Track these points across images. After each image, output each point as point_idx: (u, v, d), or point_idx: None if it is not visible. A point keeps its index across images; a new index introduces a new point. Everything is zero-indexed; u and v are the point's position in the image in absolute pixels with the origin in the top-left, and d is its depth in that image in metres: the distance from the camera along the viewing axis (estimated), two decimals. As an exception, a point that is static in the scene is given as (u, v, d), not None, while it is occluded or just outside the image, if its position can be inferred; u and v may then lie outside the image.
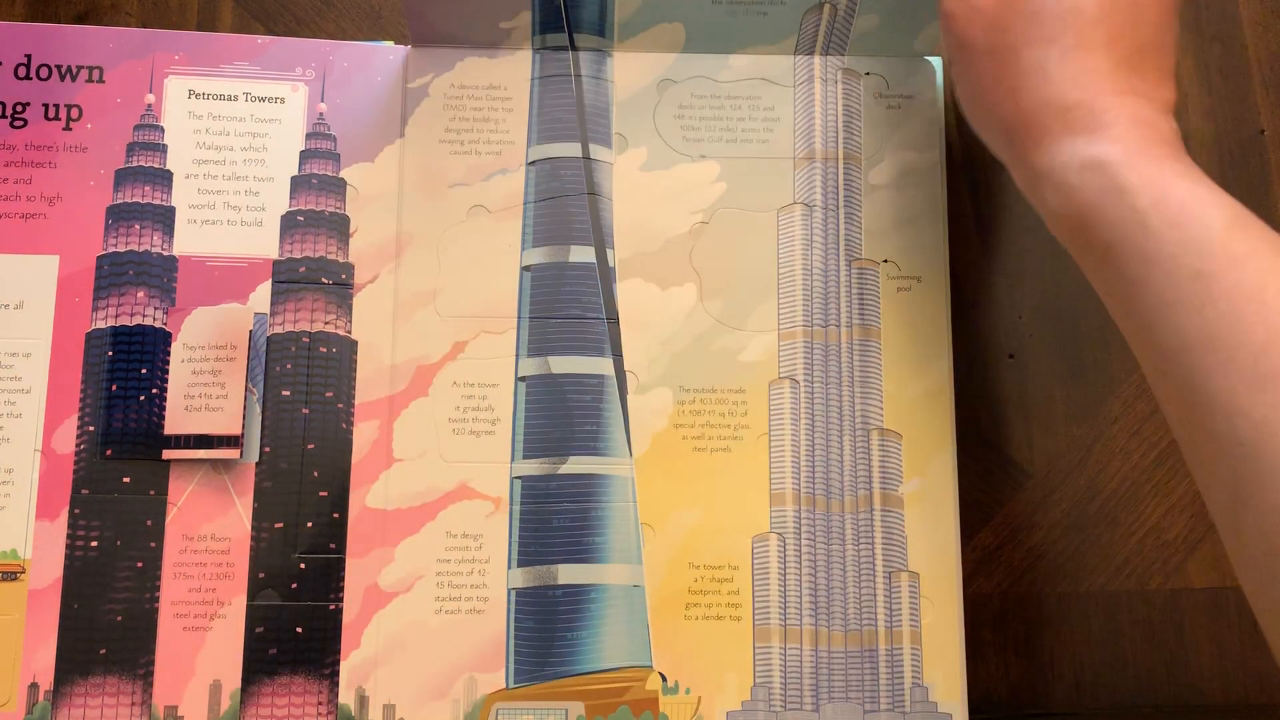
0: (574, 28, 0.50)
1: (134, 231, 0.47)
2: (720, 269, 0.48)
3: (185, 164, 0.48)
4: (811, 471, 0.47)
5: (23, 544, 0.45)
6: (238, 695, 0.44)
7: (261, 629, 0.45)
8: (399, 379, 0.47)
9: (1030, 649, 0.48)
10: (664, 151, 0.50)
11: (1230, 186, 0.51)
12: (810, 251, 0.49)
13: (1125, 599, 0.48)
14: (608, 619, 0.45)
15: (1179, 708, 0.47)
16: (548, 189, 0.49)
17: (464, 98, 0.49)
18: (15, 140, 0.48)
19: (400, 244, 0.48)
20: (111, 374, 0.46)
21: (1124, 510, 0.49)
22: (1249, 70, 0.53)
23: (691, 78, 0.50)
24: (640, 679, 0.45)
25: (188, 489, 0.46)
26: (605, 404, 0.47)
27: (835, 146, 0.50)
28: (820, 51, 0.51)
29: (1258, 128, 0.52)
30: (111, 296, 0.47)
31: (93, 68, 0.48)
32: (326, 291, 0.47)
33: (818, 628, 0.46)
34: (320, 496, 0.46)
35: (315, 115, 0.49)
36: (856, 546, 0.46)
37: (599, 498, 0.46)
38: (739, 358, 0.48)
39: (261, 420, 0.46)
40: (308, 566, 0.45)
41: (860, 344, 0.48)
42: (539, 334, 0.48)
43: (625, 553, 0.46)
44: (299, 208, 0.48)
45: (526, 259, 0.48)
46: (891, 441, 0.47)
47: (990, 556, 0.48)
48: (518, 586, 0.46)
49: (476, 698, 0.45)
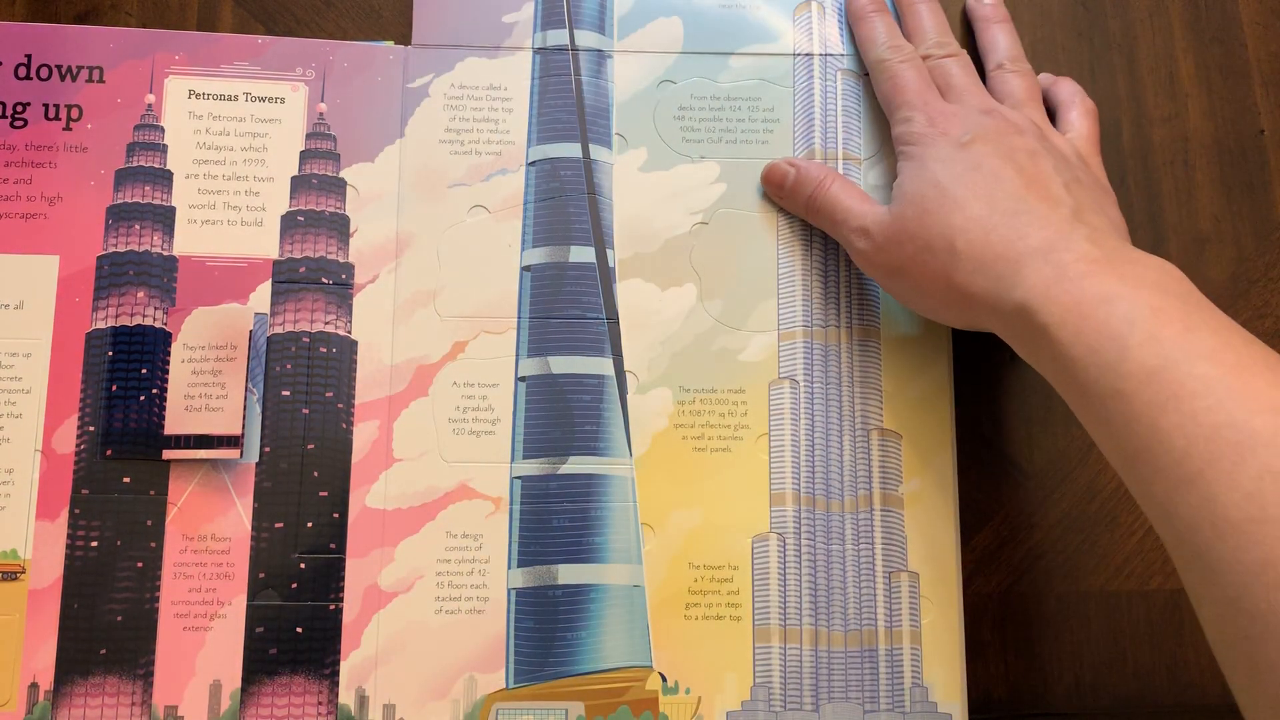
0: (575, 24, 0.50)
1: (134, 231, 0.47)
2: (720, 269, 0.48)
3: (185, 164, 0.48)
4: (811, 471, 0.47)
5: (23, 544, 0.45)
6: (238, 695, 0.44)
7: (262, 629, 0.45)
8: (399, 379, 0.47)
9: (1030, 649, 0.48)
10: (664, 152, 0.50)
11: (1230, 186, 0.51)
12: (810, 252, 0.49)
13: (1125, 599, 0.48)
14: (608, 619, 0.45)
15: (1179, 708, 0.47)
16: (548, 189, 0.49)
17: (464, 98, 0.49)
18: (15, 140, 0.48)
19: (400, 244, 0.48)
20: (111, 374, 0.46)
21: (1124, 510, 0.49)
22: (1249, 70, 0.53)
23: (691, 78, 0.50)
24: (640, 679, 0.45)
25: (188, 489, 0.46)
26: (605, 404, 0.47)
27: (835, 147, 0.50)
28: (818, 50, 0.51)
29: (1258, 128, 0.52)
30: (111, 296, 0.47)
31: (93, 68, 0.48)
32: (326, 291, 0.47)
33: (817, 628, 0.46)
34: (320, 496, 0.46)
35: (315, 115, 0.49)
36: (856, 546, 0.46)
37: (599, 498, 0.46)
38: (739, 358, 0.48)
39: (261, 420, 0.46)
40: (308, 566, 0.45)
41: (860, 344, 0.48)
42: (539, 334, 0.48)
43: (625, 553, 0.46)
44: (299, 208, 0.48)
45: (526, 259, 0.48)
46: (891, 442, 0.47)
47: (990, 556, 0.48)
48: (518, 586, 0.46)
49: (476, 698, 0.45)
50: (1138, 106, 0.52)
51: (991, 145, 0.43)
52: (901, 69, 0.47)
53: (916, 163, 0.44)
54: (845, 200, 0.46)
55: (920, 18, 0.49)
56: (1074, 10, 0.53)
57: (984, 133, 0.43)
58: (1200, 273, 0.50)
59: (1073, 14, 0.53)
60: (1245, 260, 0.51)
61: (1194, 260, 0.51)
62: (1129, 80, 0.52)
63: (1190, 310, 0.36)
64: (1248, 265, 0.51)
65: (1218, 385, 0.33)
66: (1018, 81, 0.48)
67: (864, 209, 0.45)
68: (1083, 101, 0.49)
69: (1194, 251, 0.51)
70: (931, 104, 0.45)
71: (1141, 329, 0.35)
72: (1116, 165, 0.51)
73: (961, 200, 0.41)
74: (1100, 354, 0.36)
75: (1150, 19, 0.53)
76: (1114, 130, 0.52)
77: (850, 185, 0.47)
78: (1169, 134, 0.52)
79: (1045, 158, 0.43)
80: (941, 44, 0.48)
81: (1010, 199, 0.41)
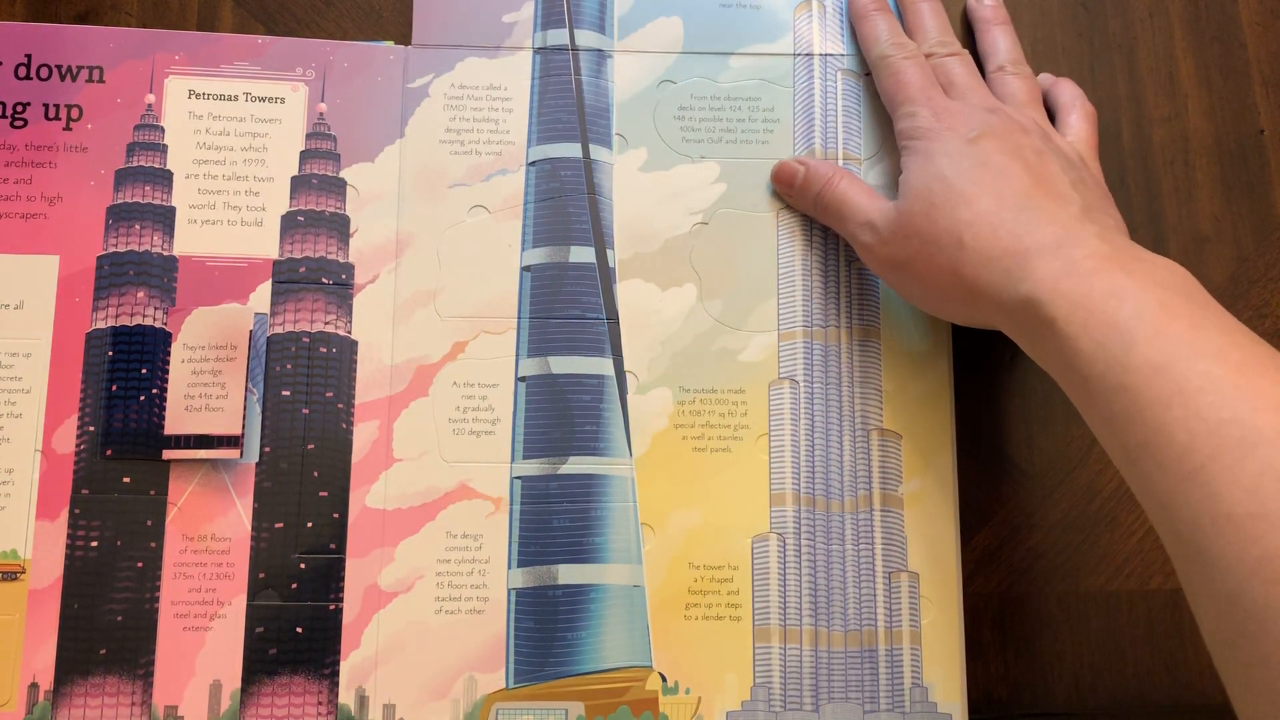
0: (575, 24, 0.50)
1: (134, 231, 0.47)
2: (720, 269, 0.48)
3: (185, 164, 0.48)
4: (811, 472, 0.47)
5: (23, 544, 0.45)
6: (238, 695, 0.44)
7: (262, 629, 0.45)
8: (399, 379, 0.47)
9: (1030, 649, 0.48)
10: (664, 152, 0.50)
11: (1230, 186, 0.51)
12: (810, 252, 0.49)
13: (1125, 599, 0.48)
14: (608, 619, 0.45)
15: (1178, 707, 0.47)
16: (548, 189, 0.49)
17: (464, 98, 0.49)
18: (15, 140, 0.48)
19: (400, 244, 0.48)
20: (112, 374, 0.46)
21: (1124, 510, 0.49)
22: (1249, 70, 0.53)
23: (691, 79, 0.50)
24: (640, 679, 0.45)
25: (188, 489, 0.46)
26: (605, 404, 0.47)
27: (835, 147, 0.50)
28: (819, 50, 0.51)
29: (1258, 128, 0.52)
30: (112, 296, 0.47)
31: (93, 68, 0.48)
32: (326, 292, 0.47)
33: (817, 628, 0.46)
34: (320, 496, 0.46)
35: (315, 115, 0.49)
36: (856, 547, 0.46)
37: (599, 498, 0.46)
38: (739, 358, 0.48)
39: (261, 420, 0.46)
40: (308, 566, 0.45)
41: (860, 344, 0.48)
42: (539, 334, 0.48)
43: (625, 553, 0.46)
44: (299, 208, 0.48)
45: (526, 259, 0.48)
46: (891, 442, 0.47)
47: (990, 556, 0.48)
48: (518, 586, 0.46)
49: (476, 698, 0.45)
50: (1138, 106, 0.52)
51: (998, 142, 0.43)
52: (905, 65, 0.47)
53: (922, 157, 0.44)
54: (853, 196, 0.46)
55: (922, 16, 0.50)
56: (1074, 10, 0.53)
57: (991, 130, 0.43)
58: (1200, 273, 0.50)
59: (1073, 14, 0.53)
60: (1245, 260, 0.51)
61: (1194, 260, 0.51)
62: (1129, 80, 0.52)
63: (1197, 309, 0.36)
64: (1248, 265, 0.51)
65: (1222, 382, 0.33)
66: (1019, 83, 0.48)
67: (870, 204, 0.46)
68: (1083, 105, 0.49)
69: (1194, 251, 0.51)
70: (936, 100, 0.45)
71: (1149, 324, 0.35)
72: (1116, 165, 0.51)
73: (969, 195, 0.41)
74: (1107, 348, 0.36)
75: (1150, 19, 0.53)
76: (1114, 130, 0.52)
77: (858, 182, 0.47)
78: (1169, 134, 0.52)
79: (1051, 157, 0.43)
80: (944, 43, 0.48)
81: (1018, 195, 0.41)
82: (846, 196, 0.46)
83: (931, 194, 0.42)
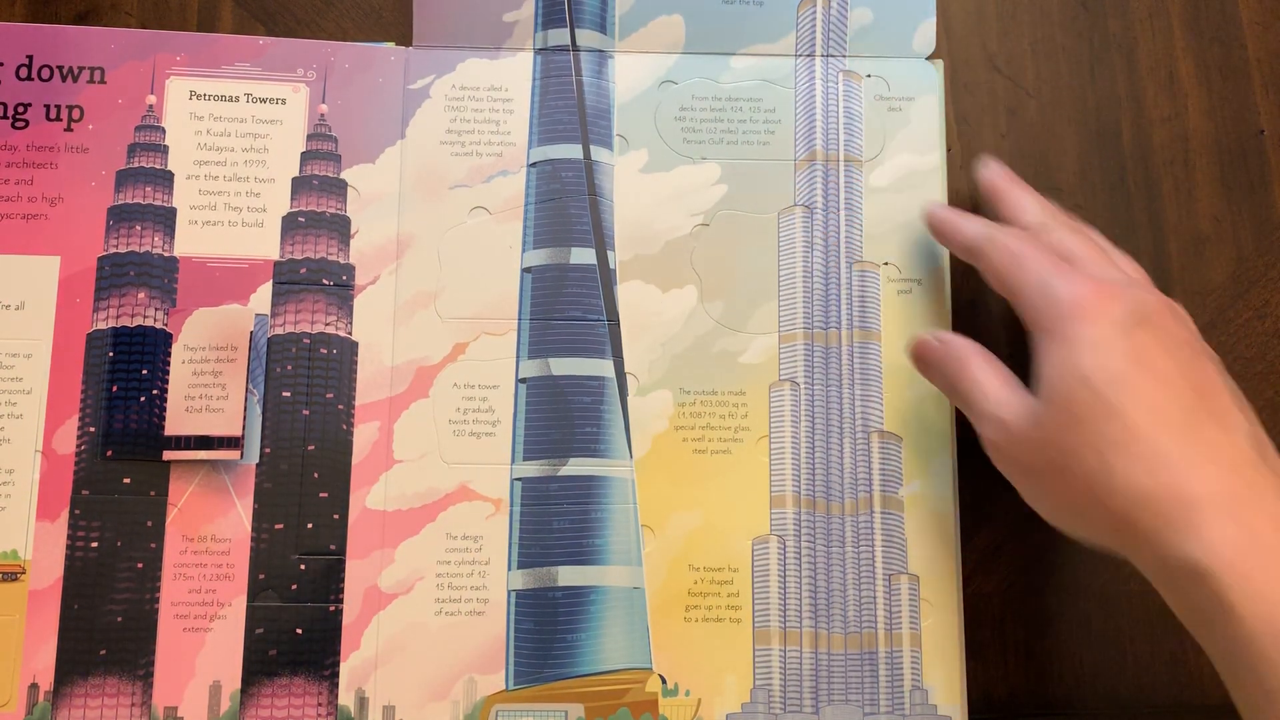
0: (576, 23, 0.50)
1: (135, 232, 0.47)
2: (721, 271, 0.48)
3: (186, 165, 0.48)
4: (811, 474, 0.47)
5: (23, 544, 0.45)
6: (237, 696, 0.44)
7: (261, 630, 0.45)
8: (399, 380, 0.47)
9: (1030, 649, 0.48)
10: (665, 153, 0.50)
11: (1230, 186, 0.51)
12: (811, 254, 0.49)
13: (1125, 599, 0.48)
14: (608, 621, 0.45)
15: (1179, 707, 0.47)
16: (548, 190, 0.49)
17: (465, 99, 0.49)
18: (16, 141, 0.48)
19: (401, 245, 0.48)
20: (112, 375, 0.46)
21: (1124, 512, 0.49)
22: (1249, 70, 0.53)
23: (693, 79, 0.50)
24: (640, 681, 0.45)
25: (188, 490, 0.46)
26: (605, 406, 0.47)
27: (836, 149, 0.50)
28: (820, 51, 0.51)
29: (1258, 128, 0.52)
30: (112, 297, 0.47)
31: (94, 68, 0.48)
32: (327, 293, 0.47)
33: (817, 630, 0.46)
34: (320, 498, 0.46)
35: (316, 116, 0.49)
36: (856, 549, 0.47)
37: (599, 499, 0.46)
38: (739, 360, 0.48)
39: (262, 421, 0.46)
40: (308, 568, 0.45)
41: (861, 346, 0.48)
42: (539, 336, 0.48)
43: (625, 555, 0.46)
44: (300, 209, 0.48)
45: (527, 260, 0.48)
46: (891, 444, 0.47)
47: (990, 556, 0.48)
48: (518, 588, 0.46)
49: (476, 699, 0.45)
50: (1138, 106, 0.52)
51: (1153, 333, 0.36)
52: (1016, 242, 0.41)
53: (1065, 347, 0.37)
54: (986, 382, 0.40)
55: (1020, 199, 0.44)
56: (1074, 10, 0.53)
57: (1146, 314, 0.37)
58: (1200, 273, 0.50)
59: (1073, 14, 0.53)
60: (1245, 260, 0.51)
61: (1194, 260, 0.51)
62: (1129, 80, 0.52)
63: None
64: (1248, 265, 0.51)
65: None
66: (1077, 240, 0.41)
67: (1003, 396, 0.40)
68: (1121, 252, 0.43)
69: (1194, 251, 0.51)
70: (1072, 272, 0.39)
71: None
72: (1116, 165, 0.51)
73: (1120, 408, 0.35)
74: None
75: (1150, 19, 0.53)
76: (1114, 130, 0.52)
77: (993, 363, 0.41)
78: (1169, 134, 0.52)
79: (1204, 355, 0.37)
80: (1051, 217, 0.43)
81: (1182, 413, 0.35)
82: (977, 381, 0.41)
83: (1073, 402, 0.36)
